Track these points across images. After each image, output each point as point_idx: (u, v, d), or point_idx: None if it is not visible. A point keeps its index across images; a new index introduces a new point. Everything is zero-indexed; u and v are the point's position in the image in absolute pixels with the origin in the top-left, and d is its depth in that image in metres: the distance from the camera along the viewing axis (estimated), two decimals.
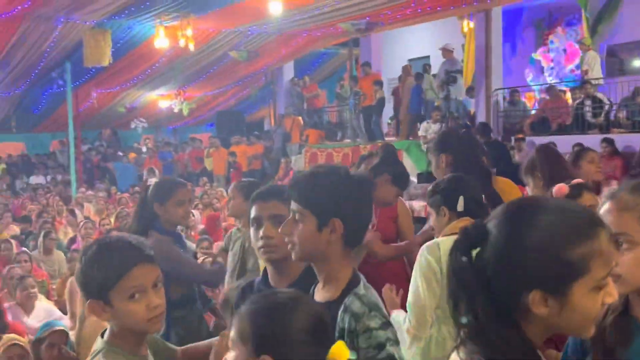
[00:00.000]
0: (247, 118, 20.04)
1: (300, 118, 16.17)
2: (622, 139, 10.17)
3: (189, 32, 9.51)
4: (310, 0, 10.40)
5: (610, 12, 13.54)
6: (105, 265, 1.67)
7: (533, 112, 12.99)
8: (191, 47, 9.71)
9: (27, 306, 5.21)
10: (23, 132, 19.68)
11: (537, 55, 14.20)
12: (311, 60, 18.63)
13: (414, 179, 9.42)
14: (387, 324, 1.71)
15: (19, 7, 10.24)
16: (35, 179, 17.65)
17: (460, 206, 2.67)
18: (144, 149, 18.28)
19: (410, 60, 16.29)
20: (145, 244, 1.76)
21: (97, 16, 11.20)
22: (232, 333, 1.46)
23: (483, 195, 2.84)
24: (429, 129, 11.84)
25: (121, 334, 1.72)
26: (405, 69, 13.88)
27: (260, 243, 2.10)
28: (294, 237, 1.79)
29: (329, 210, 1.75)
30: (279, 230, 1.86)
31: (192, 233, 7.76)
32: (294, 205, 1.81)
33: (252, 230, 2.18)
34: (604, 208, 1.57)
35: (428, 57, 15.22)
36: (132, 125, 19.59)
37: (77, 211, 10.66)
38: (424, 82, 13.01)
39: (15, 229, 9.85)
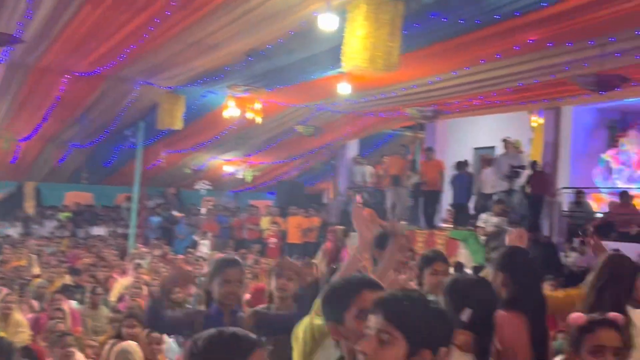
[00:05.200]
0: (307, 189, 20.14)
1: (359, 196, 16.17)
2: None
3: (257, 106, 9.78)
4: (378, 84, 10.54)
5: None
6: None
7: (599, 214, 12.52)
8: (258, 120, 9.95)
9: None
10: (93, 183, 20.42)
11: (607, 157, 13.73)
12: (376, 140, 18.75)
13: (469, 270, 9.20)
14: None
15: (100, 69, 10.82)
16: (97, 230, 18.16)
17: (464, 317, 2.52)
18: (203, 211, 18.60)
19: (476, 149, 16.15)
20: None
21: (173, 82, 11.68)
22: None
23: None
24: (488, 221, 11.59)
25: None
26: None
27: None
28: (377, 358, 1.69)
29: (423, 339, 1.68)
30: (358, 347, 1.75)
31: None
32: (380, 324, 1.71)
33: None
34: None
35: (493, 147, 14.91)
36: (196, 187, 20.05)
37: (130, 267, 10.81)
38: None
39: (69, 280, 10.06)
